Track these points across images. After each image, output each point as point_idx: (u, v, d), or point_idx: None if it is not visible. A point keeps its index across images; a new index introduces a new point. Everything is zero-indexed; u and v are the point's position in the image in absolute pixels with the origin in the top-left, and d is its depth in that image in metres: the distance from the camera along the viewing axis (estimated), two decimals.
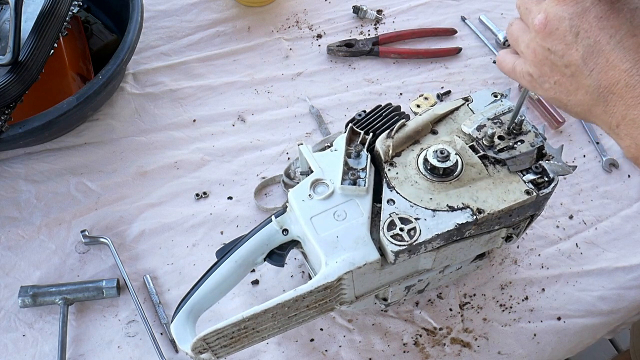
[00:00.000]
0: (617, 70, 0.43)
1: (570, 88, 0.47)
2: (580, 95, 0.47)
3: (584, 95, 0.46)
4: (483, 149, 0.60)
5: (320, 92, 0.93)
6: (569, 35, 0.44)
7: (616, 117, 0.44)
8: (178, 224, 0.80)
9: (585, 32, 0.44)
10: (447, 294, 0.75)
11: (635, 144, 0.44)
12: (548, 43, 0.46)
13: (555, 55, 0.46)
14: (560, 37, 0.45)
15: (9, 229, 0.79)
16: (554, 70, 0.47)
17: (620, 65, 0.43)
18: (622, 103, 0.44)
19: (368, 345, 0.71)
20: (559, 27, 0.45)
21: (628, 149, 0.45)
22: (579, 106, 0.48)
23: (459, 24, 1.03)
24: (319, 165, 0.61)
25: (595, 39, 0.44)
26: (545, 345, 0.72)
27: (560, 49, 0.45)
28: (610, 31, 0.43)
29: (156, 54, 0.98)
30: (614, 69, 0.43)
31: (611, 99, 0.44)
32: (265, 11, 1.04)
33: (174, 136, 0.89)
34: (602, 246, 0.79)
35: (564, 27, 0.44)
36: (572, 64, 0.45)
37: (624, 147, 0.46)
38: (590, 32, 0.44)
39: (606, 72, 0.44)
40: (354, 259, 0.55)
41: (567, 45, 0.45)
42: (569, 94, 0.48)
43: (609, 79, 0.44)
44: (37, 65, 0.74)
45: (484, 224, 0.58)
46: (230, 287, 0.62)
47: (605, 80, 0.44)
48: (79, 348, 0.70)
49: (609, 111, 0.45)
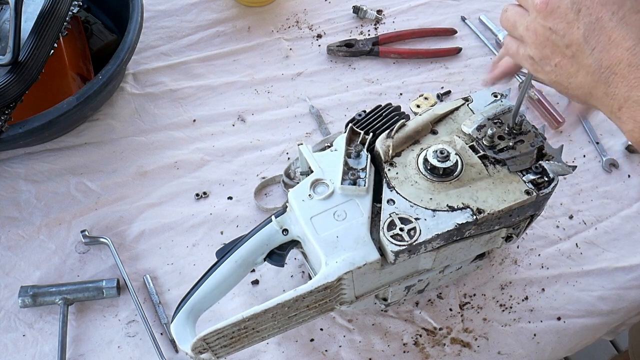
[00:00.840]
0: (620, 49, 0.42)
1: (571, 70, 0.46)
2: (581, 77, 0.45)
3: (584, 77, 0.45)
4: (483, 149, 0.60)
5: (320, 92, 0.93)
6: (570, 12, 0.43)
7: (618, 100, 0.43)
8: (178, 224, 0.80)
9: (587, 9, 0.42)
10: (447, 294, 0.75)
11: (638, 127, 0.43)
12: (549, 22, 0.45)
13: (556, 35, 0.45)
14: (561, 15, 0.44)
15: (9, 229, 0.79)
16: (555, 52, 0.46)
17: (622, 43, 0.41)
18: (624, 84, 0.42)
19: (368, 345, 0.71)
20: (560, 5, 0.43)
21: (631, 132, 0.44)
22: (580, 89, 0.46)
23: (459, 24, 1.03)
24: (319, 165, 0.61)
25: (597, 16, 0.42)
26: (545, 345, 0.72)
27: (562, 28, 0.44)
28: (612, 7, 0.42)
29: (156, 54, 0.98)
30: (616, 47, 0.42)
31: (613, 80, 0.43)
32: (265, 11, 1.04)
33: (174, 136, 0.89)
34: (602, 246, 0.79)
35: (565, 4, 0.43)
36: (574, 43, 0.44)
37: (626, 131, 0.44)
38: (592, 9, 0.42)
39: (608, 51, 0.42)
40: (354, 259, 0.55)
41: (569, 24, 0.43)
42: (570, 77, 0.46)
43: (611, 58, 0.42)
44: (37, 65, 0.74)
45: (484, 224, 0.58)
46: (230, 287, 0.62)
47: (607, 60, 0.42)
48: (79, 348, 0.71)
49: (611, 93, 0.43)
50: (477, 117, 0.62)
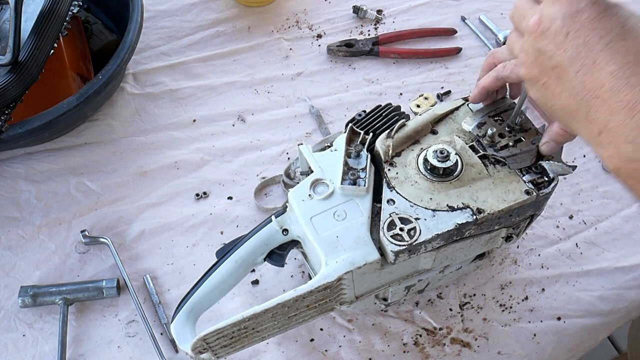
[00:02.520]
0: (603, 72, 0.42)
1: (555, 91, 0.46)
2: (564, 98, 0.46)
3: (567, 99, 0.45)
4: (483, 147, 0.60)
5: (320, 92, 0.93)
6: (559, 35, 0.44)
7: (598, 124, 0.43)
8: (178, 224, 0.80)
9: (575, 32, 0.43)
10: (447, 294, 0.75)
11: (618, 154, 0.42)
12: (539, 43, 0.46)
13: (544, 56, 0.46)
14: (551, 36, 0.45)
15: (9, 229, 0.79)
16: (542, 72, 0.47)
17: (606, 67, 0.42)
18: (605, 108, 0.42)
19: (368, 345, 0.71)
20: (551, 27, 0.44)
21: (610, 159, 0.43)
22: (563, 111, 0.47)
23: (459, 24, 1.03)
24: (319, 165, 0.61)
25: (584, 39, 0.43)
26: (545, 345, 0.72)
27: (550, 49, 0.45)
28: (600, 32, 0.42)
29: (156, 54, 0.98)
30: (599, 71, 0.42)
31: (594, 104, 0.43)
32: (265, 11, 1.04)
33: (174, 136, 0.89)
34: (602, 246, 0.79)
35: (556, 26, 0.44)
36: (559, 65, 0.45)
37: (606, 157, 0.44)
38: (580, 32, 0.43)
39: (592, 74, 0.43)
40: (354, 259, 0.55)
41: (557, 46, 0.44)
42: (553, 98, 0.47)
43: (594, 81, 0.42)
44: (37, 65, 0.74)
45: (484, 224, 0.58)
46: (230, 287, 0.62)
47: (590, 83, 0.43)
48: (79, 348, 0.70)
49: (592, 117, 0.43)
50: (477, 115, 0.62)
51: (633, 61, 0.41)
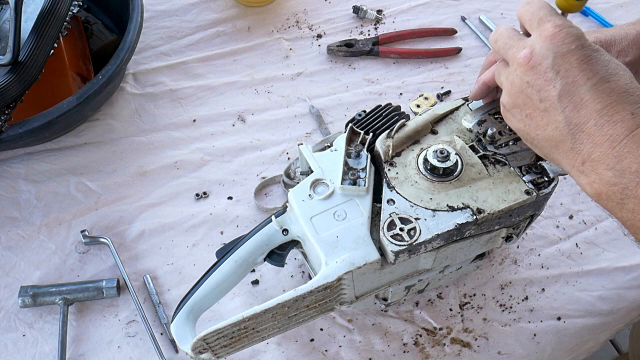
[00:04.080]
0: (589, 110, 0.46)
1: (540, 122, 0.49)
2: (549, 130, 0.49)
3: (553, 131, 0.48)
4: (483, 146, 0.60)
5: (320, 92, 0.93)
6: (550, 72, 0.47)
7: (582, 155, 0.47)
8: (178, 224, 0.80)
9: (565, 72, 0.46)
10: (447, 294, 0.75)
11: (599, 179, 0.46)
12: (528, 76, 0.48)
13: (532, 88, 0.48)
14: (541, 72, 0.47)
15: (9, 229, 0.79)
16: (527, 104, 0.50)
17: (592, 105, 0.46)
18: (589, 141, 0.46)
19: (368, 345, 0.71)
20: (542, 63, 0.47)
21: (592, 184, 0.47)
22: (547, 141, 0.50)
23: (459, 24, 1.03)
24: (319, 165, 0.61)
25: (573, 79, 0.46)
26: (545, 345, 0.72)
27: (539, 84, 0.48)
28: (588, 74, 0.46)
29: (156, 54, 0.98)
30: (586, 108, 0.46)
31: (579, 137, 0.47)
32: (265, 11, 1.04)
33: (174, 136, 0.89)
34: (602, 246, 0.79)
35: (547, 63, 0.47)
36: (547, 99, 0.47)
37: (587, 183, 0.47)
38: (569, 72, 0.46)
39: (578, 111, 0.46)
40: (354, 259, 0.55)
41: (547, 81, 0.47)
42: (538, 129, 0.50)
43: (581, 117, 0.46)
44: (37, 65, 0.74)
45: (484, 224, 0.58)
46: (230, 287, 0.62)
47: (577, 118, 0.46)
48: (79, 348, 0.71)
49: (576, 148, 0.47)
50: (478, 112, 0.62)
51: (615, 101, 0.45)
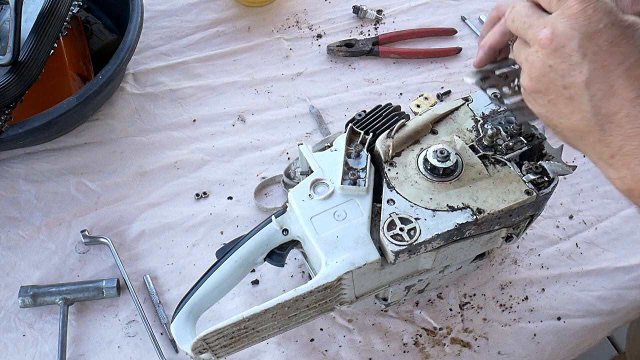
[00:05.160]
0: (620, 99, 0.41)
1: (564, 110, 0.44)
2: (574, 120, 0.44)
3: (579, 121, 0.44)
4: (483, 146, 0.60)
5: (320, 92, 0.93)
6: (575, 55, 0.41)
7: (612, 148, 0.42)
8: (178, 224, 0.80)
9: (593, 55, 0.41)
10: (447, 294, 0.75)
11: (631, 175, 0.42)
12: (551, 60, 0.43)
13: (555, 73, 0.43)
14: (565, 55, 0.42)
15: (9, 229, 0.79)
16: (549, 89, 0.44)
17: (624, 93, 0.41)
18: (620, 133, 0.41)
19: (368, 345, 0.71)
20: (566, 45, 0.41)
21: (623, 180, 0.43)
22: (571, 131, 0.45)
23: (459, 24, 1.03)
24: (319, 165, 0.61)
25: (602, 63, 0.41)
26: (545, 345, 0.72)
27: (563, 68, 0.42)
28: (619, 57, 0.40)
29: (156, 54, 0.98)
30: (616, 97, 0.41)
31: (609, 128, 0.42)
32: (265, 11, 1.04)
33: (174, 136, 0.89)
34: (602, 246, 0.79)
35: (572, 45, 0.41)
36: (573, 86, 0.42)
37: (617, 178, 0.43)
38: (598, 55, 0.41)
39: (608, 100, 0.41)
40: (354, 259, 0.55)
41: (571, 66, 0.42)
42: (562, 117, 0.45)
43: (610, 107, 0.41)
44: (37, 65, 0.74)
45: (484, 224, 0.58)
46: (230, 287, 0.62)
47: (606, 108, 0.41)
48: (79, 348, 0.71)
49: (605, 140, 0.43)
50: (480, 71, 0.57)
51: None
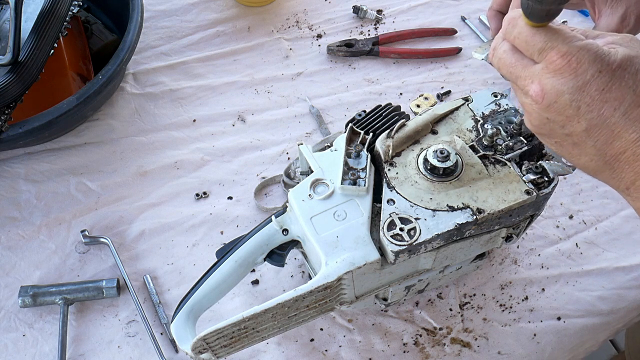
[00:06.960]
0: (624, 141, 0.41)
1: (572, 152, 0.45)
2: (583, 160, 0.45)
3: (588, 162, 0.45)
4: (483, 146, 0.60)
5: (320, 92, 0.93)
6: (569, 109, 0.42)
7: (625, 182, 0.43)
8: (178, 224, 0.80)
9: (587, 106, 0.41)
10: (447, 294, 0.75)
11: None
12: (546, 113, 0.43)
13: (554, 124, 0.44)
14: (559, 110, 0.42)
15: (9, 229, 0.79)
16: (552, 135, 0.45)
17: (626, 136, 0.41)
18: (630, 170, 0.42)
19: (368, 345, 0.71)
20: (558, 101, 0.42)
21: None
22: (584, 168, 0.46)
23: (459, 24, 1.03)
24: (319, 165, 0.61)
25: (598, 112, 0.41)
26: (545, 345, 0.72)
27: (560, 120, 0.43)
28: (614, 103, 0.41)
29: (156, 54, 0.98)
30: (620, 140, 0.42)
31: (618, 166, 0.43)
32: (265, 11, 1.04)
33: (174, 136, 0.89)
34: (602, 246, 0.79)
35: (564, 100, 0.42)
36: (574, 134, 0.43)
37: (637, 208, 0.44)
38: (592, 106, 0.41)
39: (611, 143, 0.42)
40: (354, 259, 0.55)
41: (568, 118, 0.42)
42: (572, 157, 0.46)
43: (615, 149, 0.42)
44: (37, 65, 0.74)
45: (484, 224, 0.58)
46: (230, 287, 0.62)
47: (611, 150, 0.42)
48: (79, 348, 0.71)
49: (617, 176, 0.43)
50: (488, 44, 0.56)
51: None
